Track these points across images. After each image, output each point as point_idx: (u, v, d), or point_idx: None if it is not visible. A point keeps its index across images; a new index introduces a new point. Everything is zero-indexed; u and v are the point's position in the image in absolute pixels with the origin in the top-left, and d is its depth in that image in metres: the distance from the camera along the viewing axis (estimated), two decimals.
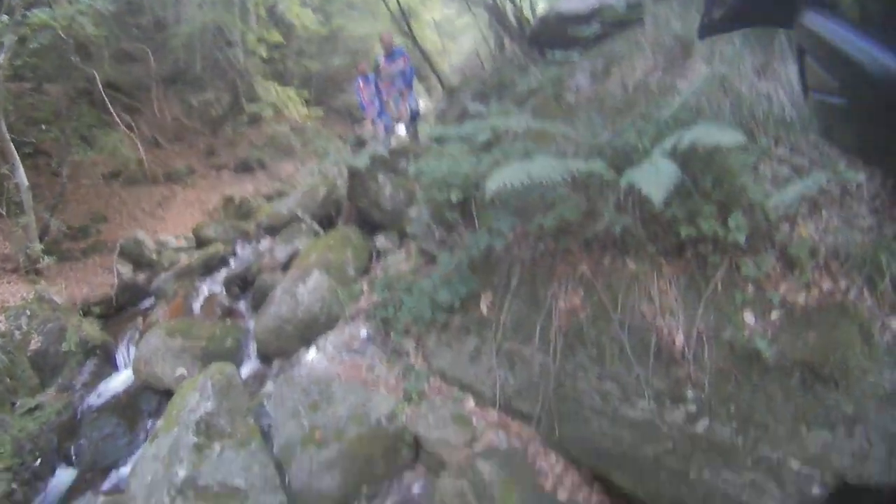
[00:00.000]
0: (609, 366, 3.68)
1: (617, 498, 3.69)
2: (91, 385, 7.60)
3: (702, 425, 3.25)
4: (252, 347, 7.24)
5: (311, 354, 5.97)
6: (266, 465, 4.56)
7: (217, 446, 4.61)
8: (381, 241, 7.61)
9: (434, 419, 4.49)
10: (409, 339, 5.57)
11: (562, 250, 4.17)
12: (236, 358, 7.06)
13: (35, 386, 7.40)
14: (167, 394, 6.88)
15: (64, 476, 6.49)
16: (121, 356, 8.06)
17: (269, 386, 5.99)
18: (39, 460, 6.56)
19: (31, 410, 7.00)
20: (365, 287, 6.78)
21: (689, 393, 3.33)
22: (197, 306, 8.23)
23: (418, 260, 6.32)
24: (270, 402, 5.47)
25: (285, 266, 8.12)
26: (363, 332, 5.99)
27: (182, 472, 4.40)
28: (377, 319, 5.93)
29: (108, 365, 7.97)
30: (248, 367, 7.03)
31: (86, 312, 9.03)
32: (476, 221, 4.91)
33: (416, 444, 4.55)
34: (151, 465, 4.68)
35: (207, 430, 4.68)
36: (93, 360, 7.90)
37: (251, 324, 7.66)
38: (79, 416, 7.03)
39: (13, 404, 7.09)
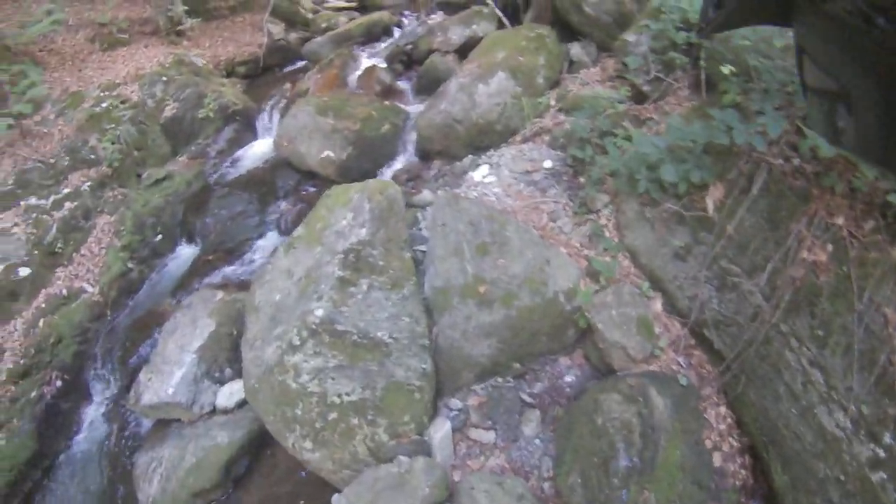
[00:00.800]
0: (829, 357, 2.98)
1: (763, 485, 3.25)
2: (226, 153, 6.90)
3: (877, 477, 2.68)
4: (411, 139, 6.13)
5: (481, 172, 4.79)
6: (417, 318, 3.59)
7: (364, 283, 3.60)
8: (575, 50, 6.07)
9: (617, 315, 3.66)
10: (602, 195, 4.35)
11: (826, 181, 3.20)
12: (391, 147, 6.03)
13: (166, 154, 6.73)
14: (309, 175, 6.19)
15: (184, 254, 5.93)
16: (262, 123, 7.27)
17: (426, 194, 5.04)
18: (161, 236, 6.00)
19: (158, 182, 6.43)
20: (553, 102, 5.46)
21: (888, 438, 2.71)
22: (353, 79, 7.17)
23: (623, 91, 4.94)
24: (427, 222, 4.35)
25: (459, 52, 6.86)
26: (547, 162, 4.74)
27: (319, 311, 3.47)
28: (566, 153, 4.72)
29: (248, 132, 7.19)
30: (403, 161, 6.03)
31: (229, 73, 8.20)
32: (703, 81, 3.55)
33: (586, 330, 3.78)
34: (283, 283, 3.82)
35: (356, 262, 3.65)
36: (231, 126, 7.13)
37: (413, 110, 6.53)
38: (209, 190, 6.48)
39: (139, 176, 6.67)
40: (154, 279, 5.92)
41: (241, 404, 4.33)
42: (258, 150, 6.95)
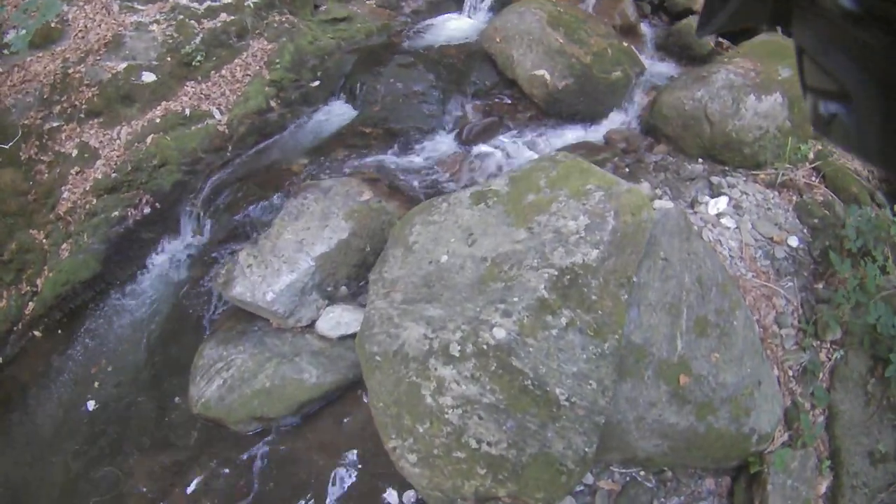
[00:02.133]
0: None
1: None
2: (423, 15, 5.80)
3: None
4: (640, 101, 4.97)
5: (719, 204, 3.90)
6: (605, 387, 2.56)
7: (565, 317, 2.55)
8: None
9: (790, 487, 3.11)
10: (838, 327, 3.50)
11: None
12: (615, 99, 4.87)
13: None
14: (510, 84, 4.98)
15: (339, 113, 4.95)
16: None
17: (645, 187, 3.83)
18: (318, 82, 5.03)
19: (335, 20, 5.42)
20: (812, 154, 4.45)
21: None
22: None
23: None
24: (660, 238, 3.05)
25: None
26: (793, 239, 3.94)
27: (500, 332, 2.49)
28: (813, 234, 3.96)
29: (452, 2, 6.07)
30: (622, 123, 4.87)
31: None
32: None
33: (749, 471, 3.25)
34: (458, 246, 2.84)
35: (568, 288, 2.59)
36: None
37: (650, 65, 5.36)
38: (390, 50, 5.39)
39: (316, 7, 5.56)
40: (294, 129, 4.98)
41: (344, 338, 3.39)
42: (459, 26, 5.82)
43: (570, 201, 2.85)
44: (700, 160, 4.33)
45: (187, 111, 4.93)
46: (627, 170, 4.13)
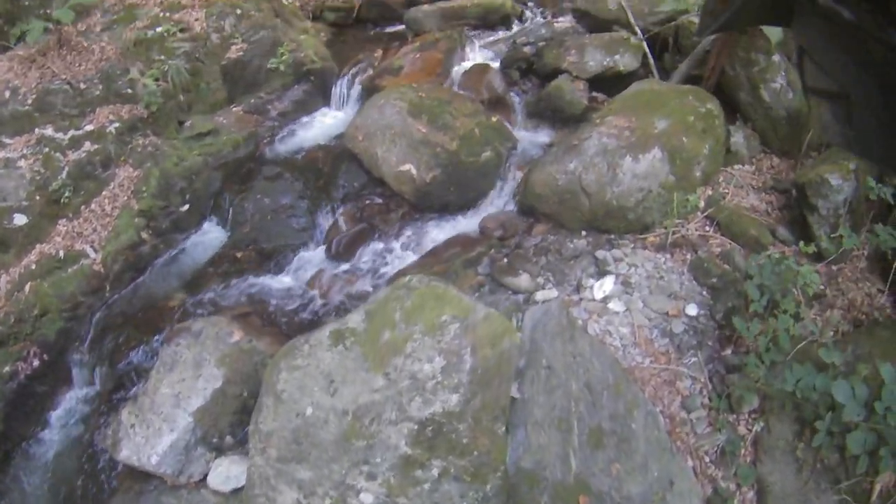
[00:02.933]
0: None
1: None
2: (289, 117, 5.76)
3: None
4: (514, 179, 4.93)
5: (604, 286, 3.72)
6: None
7: (437, 468, 2.52)
8: (737, 138, 4.70)
9: None
10: (753, 396, 3.26)
11: None
12: (487, 182, 4.87)
13: (219, 102, 5.61)
14: (378, 183, 5.00)
15: (210, 239, 4.93)
16: (338, 91, 6.08)
17: (524, 280, 3.80)
18: (188, 206, 4.98)
19: (200, 135, 5.31)
20: (702, 203, 4.29)
21: None
22: (458, 73, 5.83)
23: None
24: (525, 338, 3.05)
25: (593, 83, 5.46)
26: (692, 308, 3.64)
27: (368, 498, 2.48)
28: (712, 294, 3.67)
29: (319, 97, 6.01)
30: (497, 206, 4.84)
31: (316, 17, 7.00)
32: None
33: None
34: (321, 397, 2.80)
35: (433, 439, 2.56)
36: (302, 85, 5.91)
37: (523, 136, 5.36)
38: (257, 162, 5.31)
39: (180, 124, 5.48)
40: (168, 260, 4.91)
41: (237, 490, 3.41)
42: (325, 124, 5.81)
43: (424, 339, 2.82)
44: (583, 233, 4.22)
45: (61, 253, 4.83)
46: (505, 261, 4.04)
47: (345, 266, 4.36)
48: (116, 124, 5.13)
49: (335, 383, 2.84)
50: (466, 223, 4.69)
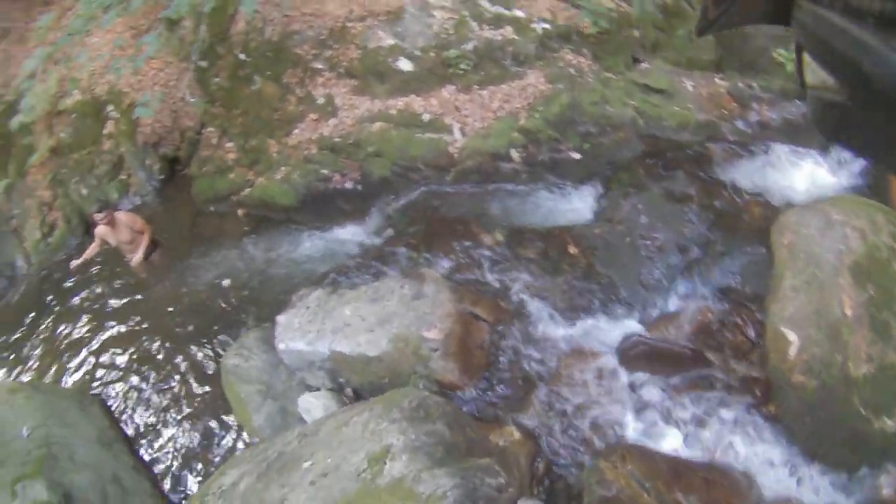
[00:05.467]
0: None
1: None
2: (768, 136, 4.09)
3: None
4: None
5: None
6: None
7: None
8: None
9: None
10: None
11: None
12: None
13: (702, 63, 4.45)
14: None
15: (575, 206, 4.15)
16: None
17: None
18: (580, 157, 4.06)
19: (647, 88, 4.37)
20: None
21: None
22: None
23: None
24: None
25: None
26: None
27: None
28: None
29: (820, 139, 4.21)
30: None
31: None
32: None
33: None
34: None
35: None
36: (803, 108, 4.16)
37: None
38: (685, 164, 3.93)
39: (635, 61, 4.27)
40: (521, 192, 4.21)
41: None
42: (810, 177, 4.11)
43: None
44: None
45: (426, 116, 4.39)
46: None
47: (632, 378, 3.02)
48: (546, 25, 4.24)
49: None
50: None
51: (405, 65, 4.58)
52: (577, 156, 4.03)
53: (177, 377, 4.41)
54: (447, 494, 2.38)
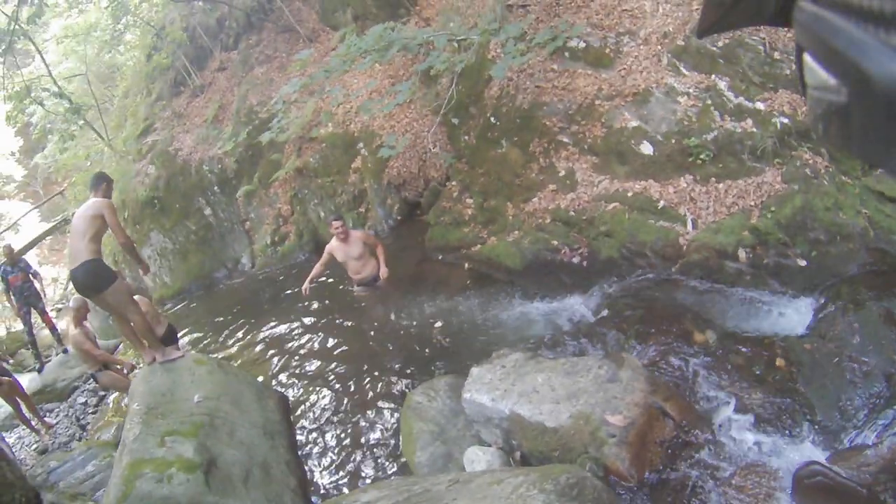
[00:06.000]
0: None
1: None
2: None
3: None
4: None
5: None
6: None
7: None
8: None
9: None
10: None
11: None
12: None
13: None
14: None
15: (788, 322, 4.08)
16: None
17: None
18: (806, 264, 4.12)
19: (884, 197, 4.18)
20: None
21: None
22: None
23: None
24: None
25: None
26: None
27: None
28: None
29: None
30: None
31: None
32: None
33: None
34: None
35: None
36: None
37: None
38: None
39: (871, 167, 4.23)
40: (735, 297, 4.35)
41: None
42: None
43: None
44: None
45: (662, 203, 4.81)
46: None
47: None
48: (785, 119, 4.34)
49: None
50: None
51: (647, 148, 4.90)
52: (803, 263, 4.13)
53: (359, 397, 4.83)
54: None
